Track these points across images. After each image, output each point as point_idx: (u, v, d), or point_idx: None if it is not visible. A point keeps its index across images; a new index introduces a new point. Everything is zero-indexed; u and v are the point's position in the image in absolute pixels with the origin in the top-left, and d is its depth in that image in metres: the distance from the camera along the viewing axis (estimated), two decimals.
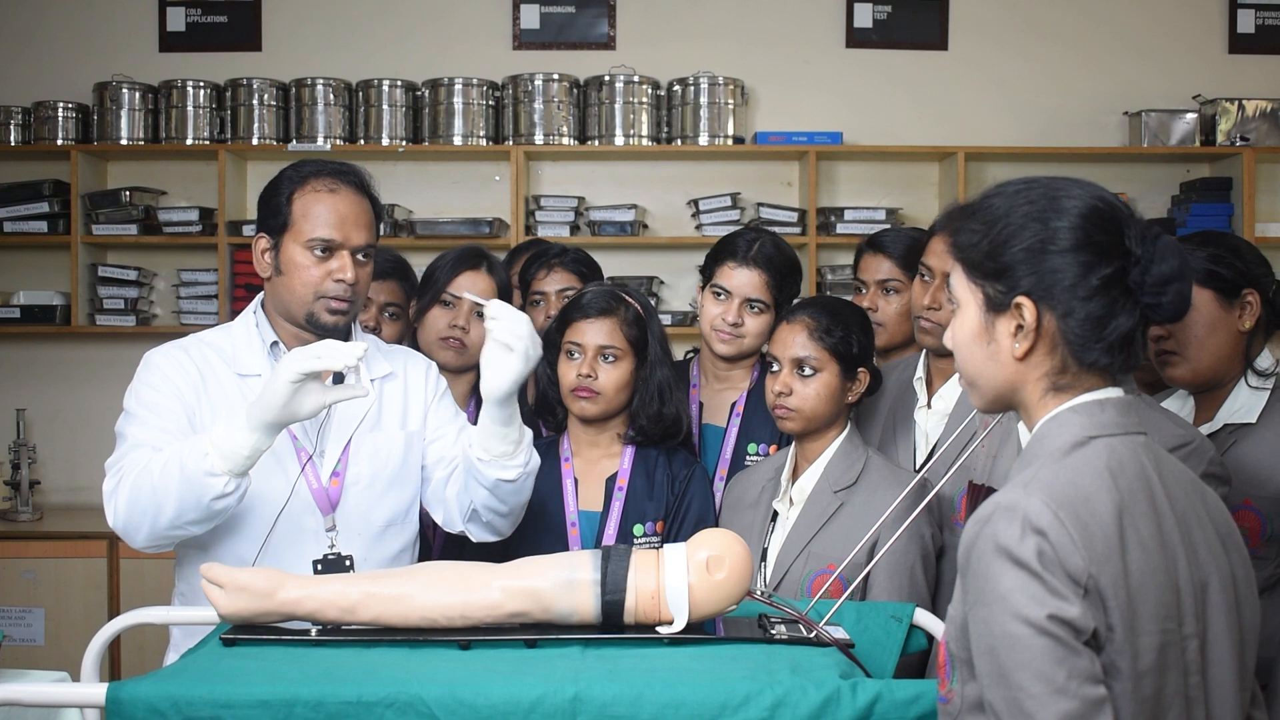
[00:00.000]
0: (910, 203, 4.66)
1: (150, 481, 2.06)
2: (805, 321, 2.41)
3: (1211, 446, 2.14)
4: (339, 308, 2.22)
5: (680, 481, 2.52)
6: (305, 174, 2.25)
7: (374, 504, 2.27)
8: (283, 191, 2.24)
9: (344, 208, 2.23)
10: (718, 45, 4.71)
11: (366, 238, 2.25)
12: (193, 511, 2.04)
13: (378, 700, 1.52)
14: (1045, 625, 1.29)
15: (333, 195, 2.23)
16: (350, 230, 2.22)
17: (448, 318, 2.74)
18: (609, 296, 2.53)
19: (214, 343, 2.30)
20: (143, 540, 2.11)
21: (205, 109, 4.54)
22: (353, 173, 2.28)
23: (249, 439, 2.00)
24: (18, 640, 4.09)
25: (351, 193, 2.25)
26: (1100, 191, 1.46)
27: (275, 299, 2.27)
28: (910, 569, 2.29)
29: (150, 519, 2.07)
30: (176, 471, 2.03)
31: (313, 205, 2.22)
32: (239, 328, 2.32)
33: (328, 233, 2.21)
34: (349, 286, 2.22)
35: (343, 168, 2.28)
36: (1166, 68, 4.72)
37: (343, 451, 2.26)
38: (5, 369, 4.72)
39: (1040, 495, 1.35)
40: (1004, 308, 1.45)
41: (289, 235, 2.22)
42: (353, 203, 2.24)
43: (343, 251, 2.21)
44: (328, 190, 2.23)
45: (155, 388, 2.21)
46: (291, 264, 2.21)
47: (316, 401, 2.00)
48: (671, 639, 1.76)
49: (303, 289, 2.21)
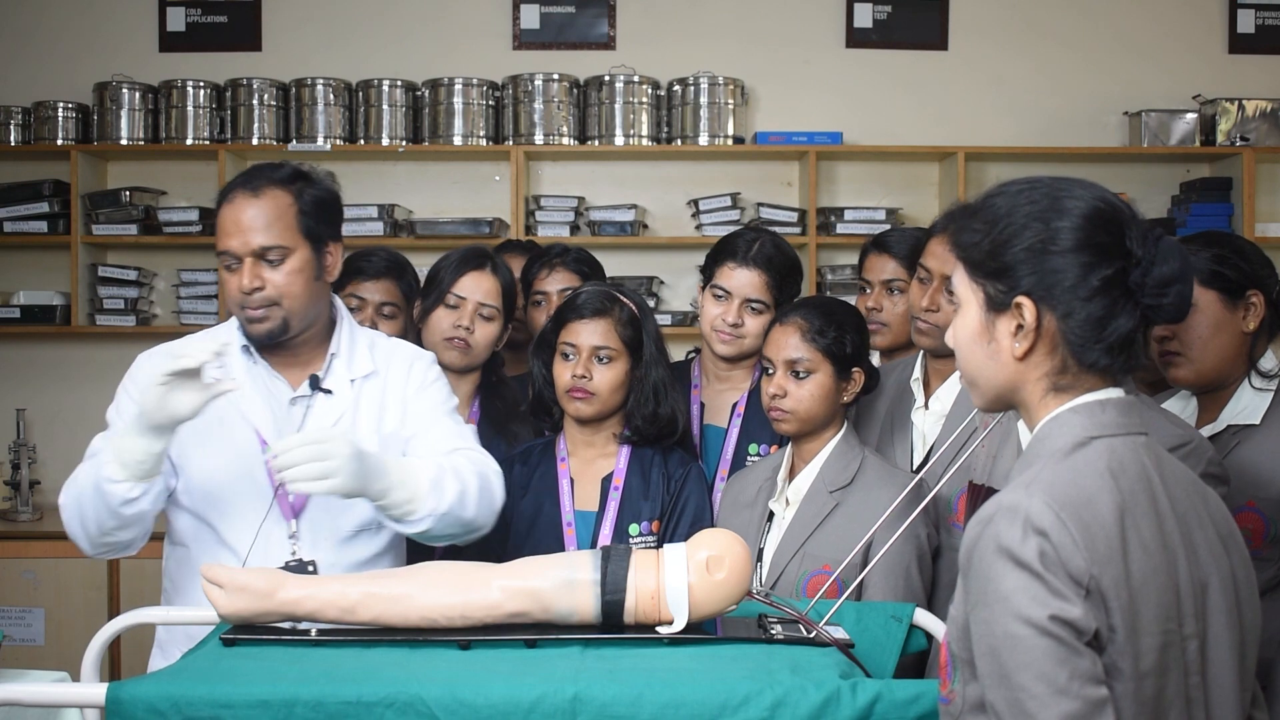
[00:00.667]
0: (910, 203, 4.66)
1: (77, 492, 2.11)
2: (798, 323, 2.40)
3: (1210, 447, 2.14)
4: (253, 315, 2.20)
5: (676, 481, 2.51)
6: (225, 190, 2.25)
7: (343, 510, 2.23)
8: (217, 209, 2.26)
9: (238, 214, 2.19)
10: (718, 45, 4.71)
11: (266, 239, 2.17)
12: (110, 519, 2.08)
13: (378, 700, 1.52)
14: (1047, 626, 1.29)
15: (230, 205, 2.20)
16: (246, 236, 2.17)
17: (452, 318, 2.73)
18: (603, 297, 2.53)
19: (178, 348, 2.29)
20: (86, 549, 2.16)
21: (205, 109, 4.54)
22: (261, 175, 2.21)
23: (138, 443, 2.03)
24: (18, 640, 4.09)
25: (245, 196, 2.19)
26: (1103, 192, 1.46)
27: None
28: (906, 569, 2.29)
29: (83, 528, 2.12)
30: (89, 481, 2.07)
31: (220, 221, 2.22)
32: (223, 331, 2.31)
33: (226, 244, 2.19)
34: (256, 294, 2.18)
35: (254, 171, 2.23)
36: (1166, 68, 4.72)
37: None
38: (5, 369, 4.72)
39: (1042, 496, 1.35)
40: (1004, 307, 1.45)
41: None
42: (247, 206, 2.18)
43: (245, 260, 2.18)
44: (227, 202, 2.21)
45: (129, 396, 2.23)
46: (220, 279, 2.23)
47: (193, 400, 2.00)
48: (671, 639, 1.76)
49: (230, 304, 2.24)
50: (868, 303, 2.86)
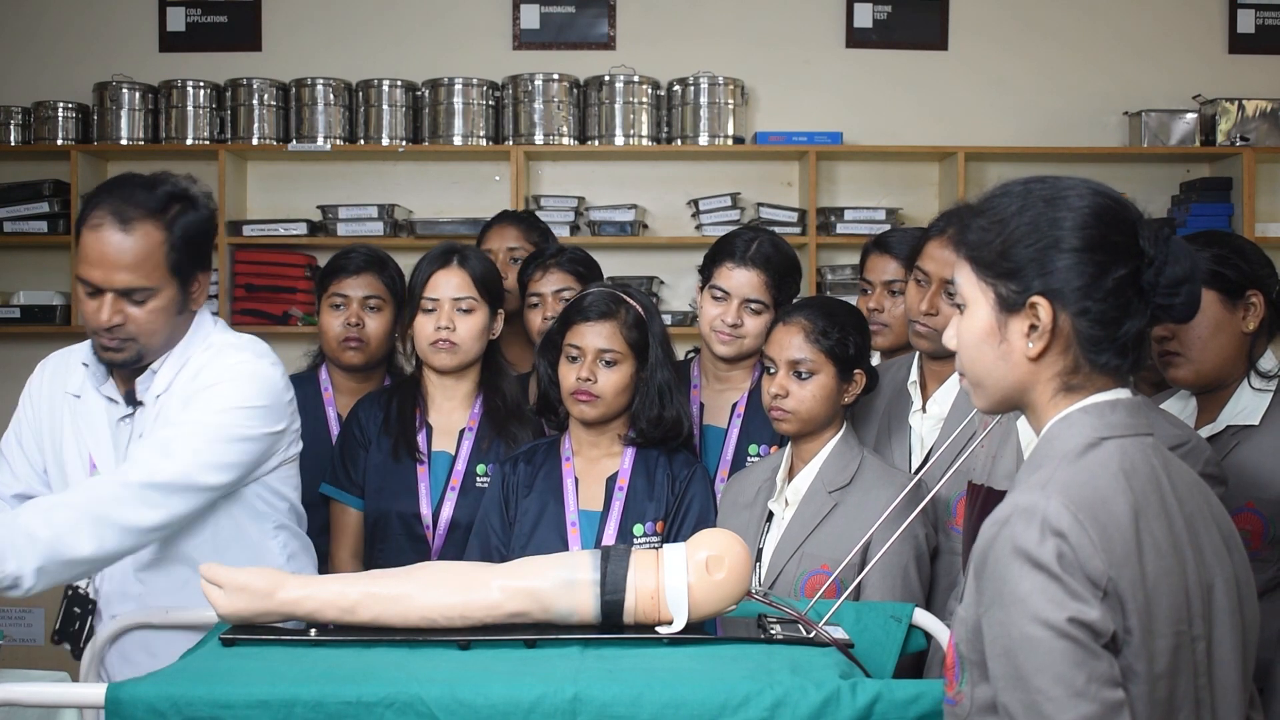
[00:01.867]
0: (910, 203, 4.66)
1: None
2: (801, 324, 2.40)
3: (1208, 447, 2.13)
4: (108, 345, 2.13)
5: (681, 482, 2.51)
6: (90, 201, 2.11)
7: None
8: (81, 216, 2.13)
9: (103, 246, 2.07)
10: (718, 45, 4.71)
11: (132, 279, 2.07)
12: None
13: (378, 700, 1.52)
14: (1065, 628, 1.29)
15: (94, 232, 2.07)
16: (110, 273, 2.07)
17: (432, 322, 2.70)
18: (610, 299, 2.52)
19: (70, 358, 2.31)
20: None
21: (205, 109, 4.54)
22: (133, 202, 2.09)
23: None
24: (18, 640, 4.09)
25: (111, 228, 2.06)
26: (1107, 190, 1.46)
27: None
28: (904, 569, 2.29)
29: None
30: None
31: (84, 241, 2.09)
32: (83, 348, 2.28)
33: (86, 273, 2.09)
34: (112, 329, 2.10)
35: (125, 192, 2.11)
36: (1166, 68, 4.72)
37: None
38: (5, 369, 4.70)
39: (1059, 497, 1.34)
40: (1018, 307, 1.44)
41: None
42: (111, 241, 2.06)
43: (105, 294, 2.08)
44: (93, 226, 2.08)
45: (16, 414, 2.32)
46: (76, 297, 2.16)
47: None
48: (671, 639, 1.76)
49: (86, 326, 2.15)
50: (869, 303, 2.86)
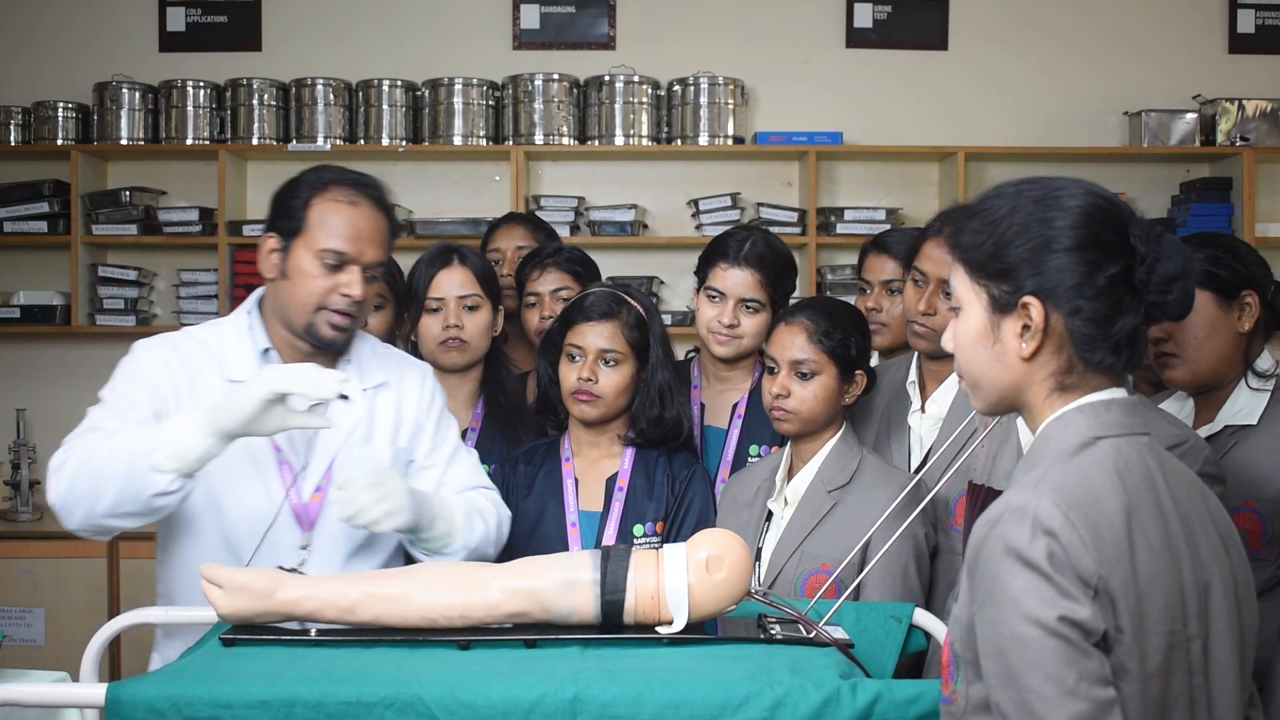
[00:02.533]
0: (910, 203, 4.66)
1: (95, 465, 2.00)
2: (804, 324, 2.40)
3: (1206, 447, 2.13)
4: (341, 323, 2.16)
5: (681, 482, 2.51)
6: (326, 180, 2.18)
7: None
8: (301, 194, 2.17)
9: (361, 222, 2.16)
10: (718, 45, 4.71)
11: (378, 255, 2.19)
12: (131, 504, 2.00)
13: (378, 700, 1.52)
14: (1056, 627, 1.29)
15: (352, 208, 2.16)
16: (364, 246, 2.16)
17: (438, 321, 2.72)
18: (611, 299, 2.52)
19: (205, 341, 2.22)
20: (78, 522, 2.04)
21: (205, 109, 4.54)
22: (375, 186, 2.22)
23: (202, 442, 1.96)
24: (18, 640, 4.09)
25: (370, 207, 2.18)
26: (1100, 190, 1.46)
27: (276, 302, 2.20)
28: (903, 568, 2.29)
29: (89, 502, 2.01)
30: (123, 461, 1.98)
31: (330, 214, 2.15)
32: (231, 328, 2.24)
33: (341, 245, 2.14)
34: (355, 303, 2.16)
35: (364, 179, 2.21)
36: (1166, 68, 4.72)
37: (328, 466, 2.20)
38: (5, 369, 4.72)
39: (1050, 496, 1.34)
40: (1010, 308, 1.44)
41: (300, 240, 2.15)
42: (371, 218, 2.18)
43: (354, 266, 2.15)
44: (348, 201, 2.16)
45: (132, 380, 2.15)
46: (299, 270, 2.14)
47: (279, 422, 1.97)
48: (671, 639, 1.76)
49: (306, 298, 2.15)
50: (868, 303, 2.86)
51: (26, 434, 4.44)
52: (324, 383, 1.94)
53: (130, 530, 2.02)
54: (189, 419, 1.99)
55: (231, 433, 1.97)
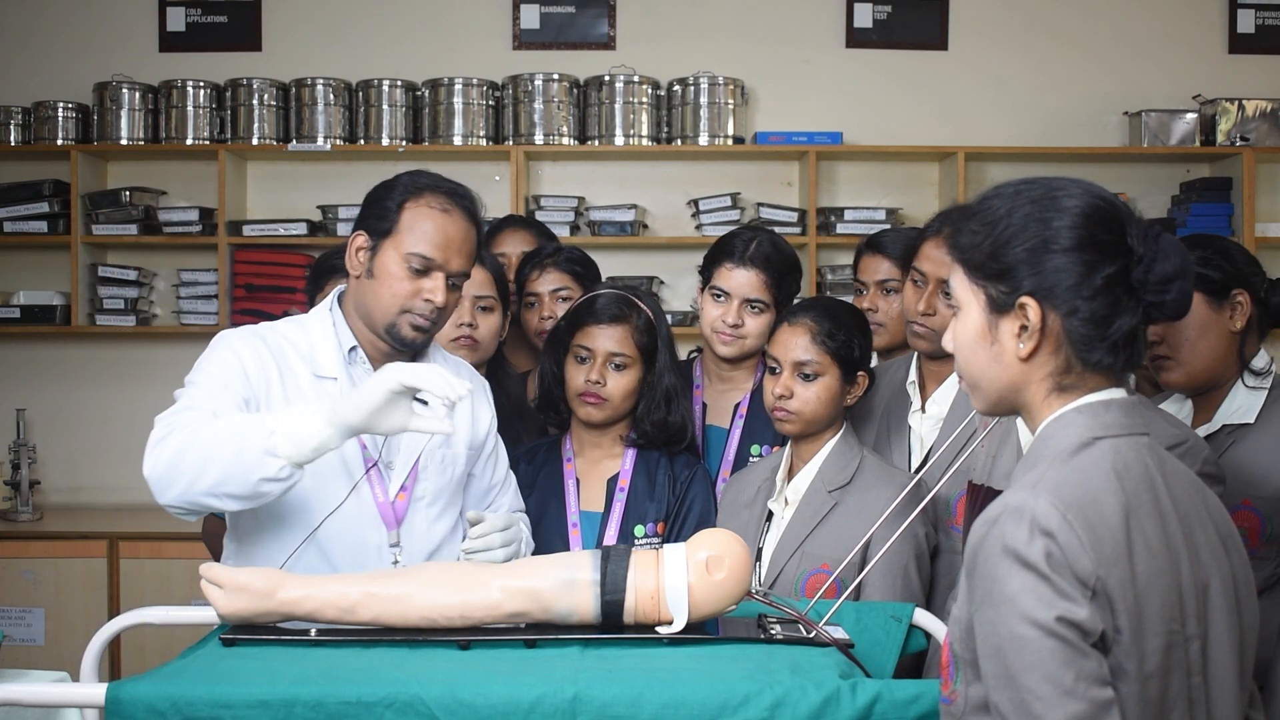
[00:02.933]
0: (910, 203, 4.66)
1: (203, 441, 1.96)
2: (807, 325, 2.40)
3: (1206, 446, 2.14)
4: (422, 324, 2.18)
5: (682, 483, 2.51)
6: (422, 185, 2.21)
7: (435, 520, 2.25)
8: (395, 196, 2.19)
9: (453, 230, 2.18)
10: (718, 45, 4.71)
11: (465, 265, 2.21)
12: (236, 484, 1.94)
13: (378, 700, 1.53)
14: (1053, 627, 1.29)
15: (445, 215, 2.18)
16: (452, 254, 2.18)
17: (453, 319, 2.72)
18: (622, 303, 2.52)
19: (290, 337, 2.22)
20: (174, 496, 1.98)
21: (205, 109, 4.54)
22: (468, 197, 2.24)
23: (321, 432, 1.93)
24: (18, 640, 4.09)
25: (462, 217, 2.21)
26: (1099, 190, 1.46)
27: (358, 301, 2.22)
28: (904, 568, 2.29)
29: (189, 478, 1.96)
30: (234, 440, 1.94)
31: (423, 220, 2.17)
32: (315, 324, 2.24)
33: (429, 251, 2.16)
34: (436, 309, 2.17)
35: (459, 189, 2.24)
36: (1166, 68, 4.72)
37: (413, 466, 2.23)
38: (5, 369, 4.72)
39: (1048, 497, 1.34)
40: (1007, 308, 1.45)
41: (390, 242, 2.17)
42: (462, 228, 2.20)
43: (439, 273, 2.16)
44: (441, 209, 2.19)
45: (225, 363, 2.13)
46: (385, 271, 2.16)
47: (400, 421, 1.95)
48: (671, 639, 1.76)
49: (390, 299, 2.17)
50: (864, 304, 2.86)
51: (26, 434, 4.44)
52: (453, 382, 1.92)
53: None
54: (310, 407, 1.97)
55: (353, 427, 1.95)
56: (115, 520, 4.28)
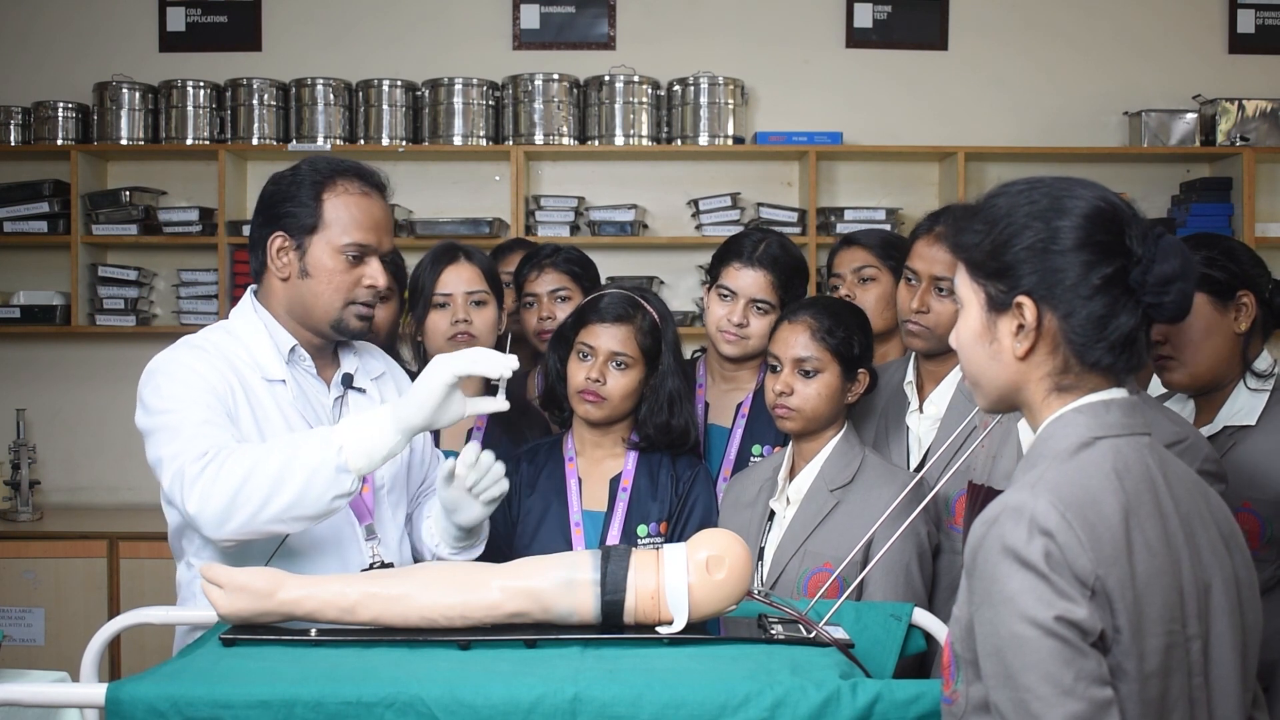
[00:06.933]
0: (910, 203, 4.66)
1: (262, 470, 1.92)
2: (808, 322, 2.40)
3: (1207, 444, 2.13)
4: (366, 313, 2.16)
5: (684, 483, 2.51)
6: (329, 173, 2.15)
7: (396, 508, 2.25)
8: (306, 189, 2.13)
9: (376, 211, 2.16)
10: (718, 45, 4.72)
11: (391, 243, 2.21)
12: (308, 506, 1.92)
13: (378, 700, 1.52)
14: (1052, 627, 1.29)
15: (366, 198, 2.16)
16: (383, 235, 2.17)
17: (446, 317, 2.72)
18: (627, 303, 2.52)
19: (224, 346, 2.14)
20: (232, 529, 1.94)
21: (205, 109, 4.55)
22: (375, 174, 2.21)
23: (391, 440, 1.94)
24: (18, 640, 4.09)
25: (379, 196, 2.19)
26: (1104, 192, 1.46)
27: (293, 302, 2.15)
28: (906, 567, 2.29)
29: (254, 508, 1.92)
30: (300, 463, 1.91)
31: (347, 208, 2.13)
32: (246, 330, 2.16)
33: (363, 238, 2.13)
34: (377, 293, 2.17)
35: (363, 169, 2.19)
36: (1166, 68, 4.72)
37: None
38: (5, 369, 4.72)
39: (1047, 496, 1.35)
40: (1005, 307, 1.45)
41: (318, 237, 2.12)
42: (382, 206, 2.18)
43: (373, 257, 2.15)
44: (360, 193, 2.15)
45: (193, 387, 2.04)
46: (321, 267, 2.12)
47: (457, 410, 1.95)
48: (671, 639, 1.76)
49: (333, 294, 2.13)
50: (840, 294, 2.87)
51: (26, 434, 4.44)
52: (501, 360, 1.93)
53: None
54: (367, 417, 1.96)
55: (415, 427, 1.95)
56: (115, 520, 4.30)
